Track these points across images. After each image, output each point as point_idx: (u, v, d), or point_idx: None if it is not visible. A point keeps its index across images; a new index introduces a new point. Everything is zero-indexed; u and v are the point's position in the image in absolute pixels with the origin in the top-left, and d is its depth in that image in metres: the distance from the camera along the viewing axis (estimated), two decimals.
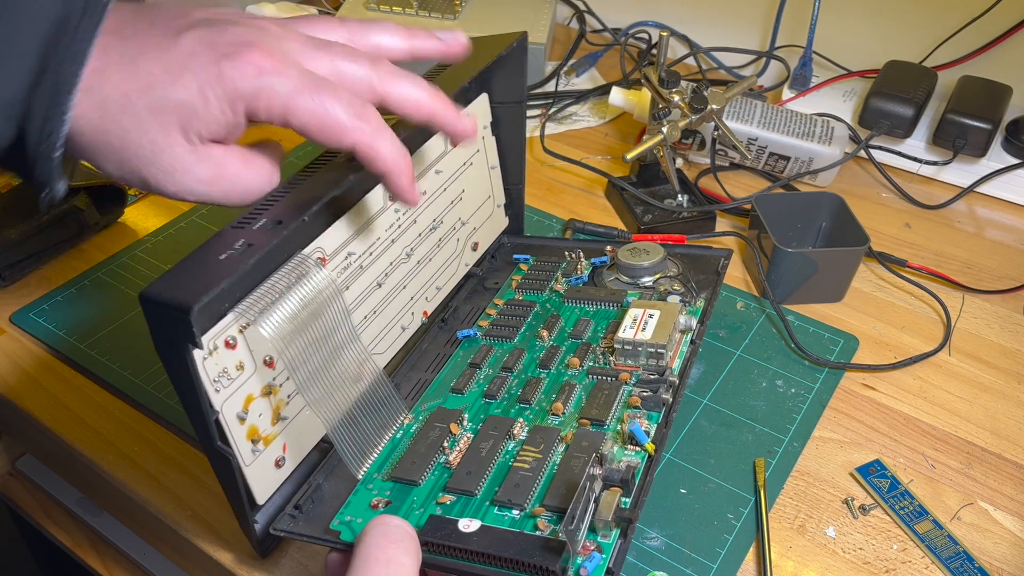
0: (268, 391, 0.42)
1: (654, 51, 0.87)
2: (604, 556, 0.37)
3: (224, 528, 0.50)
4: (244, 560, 0.48)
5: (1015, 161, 0.74)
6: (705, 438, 0.53)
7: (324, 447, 0.46)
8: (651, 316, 0.50)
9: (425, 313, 0.55)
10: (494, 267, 0.62)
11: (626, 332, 0.49)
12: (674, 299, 0.54)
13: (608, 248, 0.60)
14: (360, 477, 0.44)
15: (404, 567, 0.33)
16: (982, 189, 0.76)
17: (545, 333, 0.53)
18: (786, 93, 0.84)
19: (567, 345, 0.52)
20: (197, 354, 0.36)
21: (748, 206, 0.69)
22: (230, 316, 0.38)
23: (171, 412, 0.55)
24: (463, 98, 0.55)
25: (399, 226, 0.50)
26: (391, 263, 0.50)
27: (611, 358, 0.50)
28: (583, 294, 0.56)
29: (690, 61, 0.94)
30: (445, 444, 0.45)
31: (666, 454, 0.52)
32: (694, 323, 0.52)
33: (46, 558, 0.86)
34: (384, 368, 0.51)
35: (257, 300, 0.39)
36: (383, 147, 0.37)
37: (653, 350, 0.48)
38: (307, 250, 0.42)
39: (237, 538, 0.49)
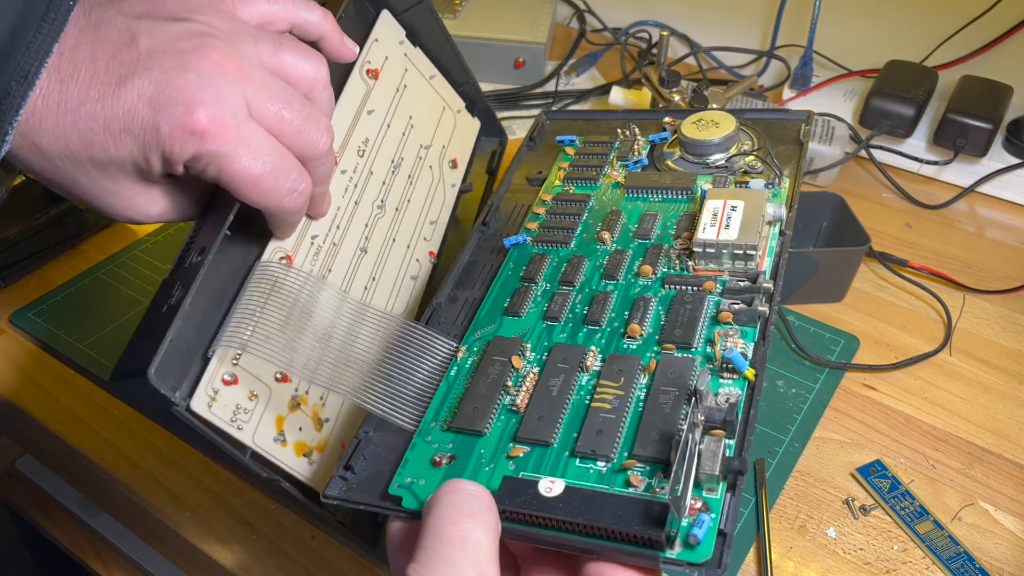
0: (296, 404, 0.41)
1: (654, 51, 0.87)
2: (714, 516, 0.31)
3: (224, 528, 0.50)
4: (244, 560, 0.48)
5: (1016, 161, 0.74)
6: None
7: None
8: (734, 209, 0.42)
9: (431, 253, 0.52)
10: (535, 152, 0.55)
11: (706, 231, 0.41)
12: (757, 183, 0.45)
13: (667, 120, 0.52)
14: (414, 429, 0.38)
15: (482, 545, 0.29)
16: (983, 189, 0.75)
17: (606, 235, 0.45)
18: (787, 93, 0.83)
19: (634, 247, 0.45)
20: (196, 404, 0.35)
21: None
22: (215, 357, 0.37)
23: None
24: (364, 21, 0.50)
25: (355, 185, 0.47)
26: (366, 224, 0.47)
27: (689, 262, 0.42)
28: (644, 181, 0.48)
29: (690, 61, 0.93)
30: (508, 382, 0.38)
31: None
32: (783, 212, 0.43)
33: (45, 558, 0.86)
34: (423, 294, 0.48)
35: (237, 328, 0.37)
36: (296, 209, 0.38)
37: (741, 251, 0.41)
38: (265, 256, 0.40)
39: (237, 538, 0.49)
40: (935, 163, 0.76)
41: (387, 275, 0.48)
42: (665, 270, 0.43)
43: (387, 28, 0.52)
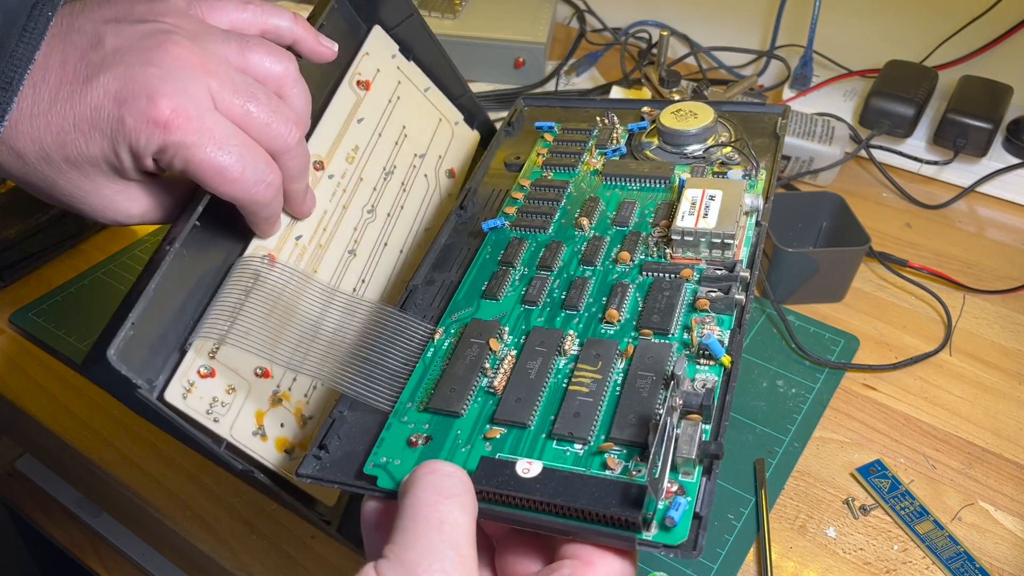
0: (278, 400, 0.41)
1: (654, 50, 0.87)
2: (689, 499, 0.31)
3: (224, 528, 0.50)
4: (244, 560, 0.48)
5: (1016, 161, 0.74)
6: None
7: None
8: (712, 198, 0.42)
9: None
10: (514, 138, 0.54)
11: (685, 220, 0.42)
12: (735, 173, 0.46)
13: (646, 109, 0.52)
14: (390, 409, 0.38)
15: (460, 527, 0.29)
16: (983, 189, 0.75)
17: (585, 221, 0.45)
18: (787, 93, 0.84)
19: (611, 234, 0.45)
20: (170, 395, 0.36)
21: None
22: (192, 349, 0.37)
23: None
24: (356, 36, 0.51)
25: (343, 190, 0.47)
26: (355, 228, 0.48)
27: (667, 250, 0.43)
28: (622, 169, 0.48)
29: (690, 60, 0.93)
30: (486, 364, 0.38)
31: None
32: (760, 202, 0.44)
33: (45, 558, 0.86)
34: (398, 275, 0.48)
35: (215, 321, 0.38)
36: (271, 205, 0.38)
37: (719, 240, 0.41)
38: (248, 251, 0.41)
39: (237, 538, 0.49)
40: (935, 163, 0.76)
41: (377, 278, 0.49)
42: (643, 257, 0.43)
43: (379, 42, 0.53)
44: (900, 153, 0.77)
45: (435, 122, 0.56)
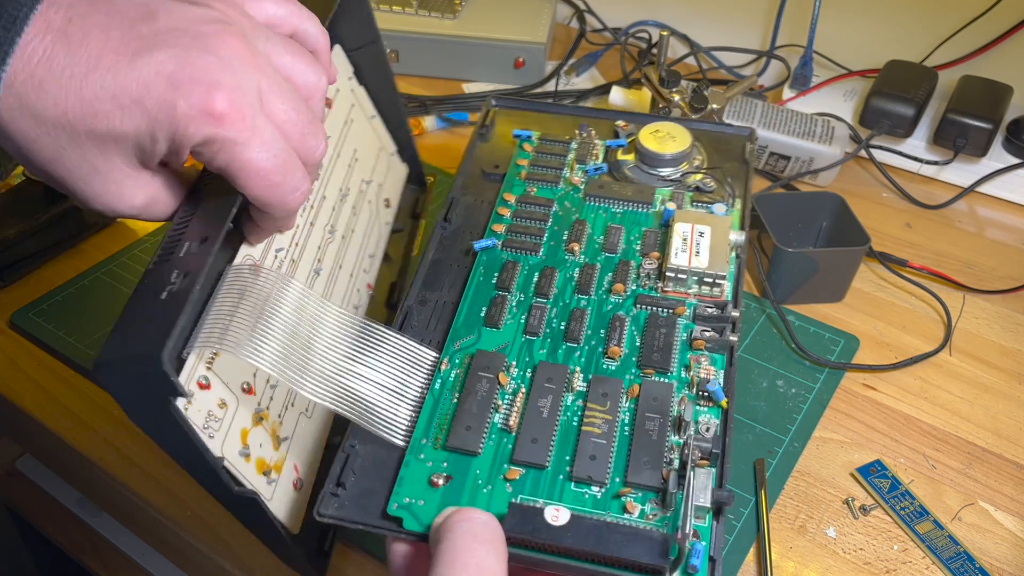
0: (259, 419, 0.40)
1: (654, 50, 0.87)
2: (704, 544, 0.34)
3: (224, 529, 0.50)
4: (244, 562, 0.48)
5: (1016, 161, 0.74)
6: None
7: (335, 441, 0.43)
8: (702, 235, 0.44)
9: (369, 286, 0.51)
10: (488, 143, 0.54)
11: (678, 257, 0.44)
12: (720, 207, 0.48)
13: (620, 124, 0.53)
14: (404, 444, 0.38)
15: (494, 572, 0.31)
16: (983, 189, 0.75)
17: (575, 246, 0.47)
18: (786, 93, 0.84)
19: (602, 261, 0.47)
20: (180, 403, 0.33)
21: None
22: (192, 356, 0.35)
23: None
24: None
25: (311, 206, 0.47)
26: (319, 247, 0.47)
27: (659, 283, 0.45)
28: (606, 192, 0.50)
29: (690, 60, 0.93)
30: (496, 400, 0.40)
31: None
32: (742, 238, 0.46)
33: (45, 558, 0.86)
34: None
35: (212, 330, 0.35)
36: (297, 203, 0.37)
37: (711, 279, 0.43)
38: (236, 261, 0.39)
39: (237, 539, 0.49)
40: (935, 163, 0.76)
41: (335, 298, 0.48)
42: (634, 287, 0.45)
43: (339, 62, 0.53)
44: (900, 153, 0.77)
45: (376, 150, 0.57)
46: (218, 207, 0.36)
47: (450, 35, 0.88)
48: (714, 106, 0.67)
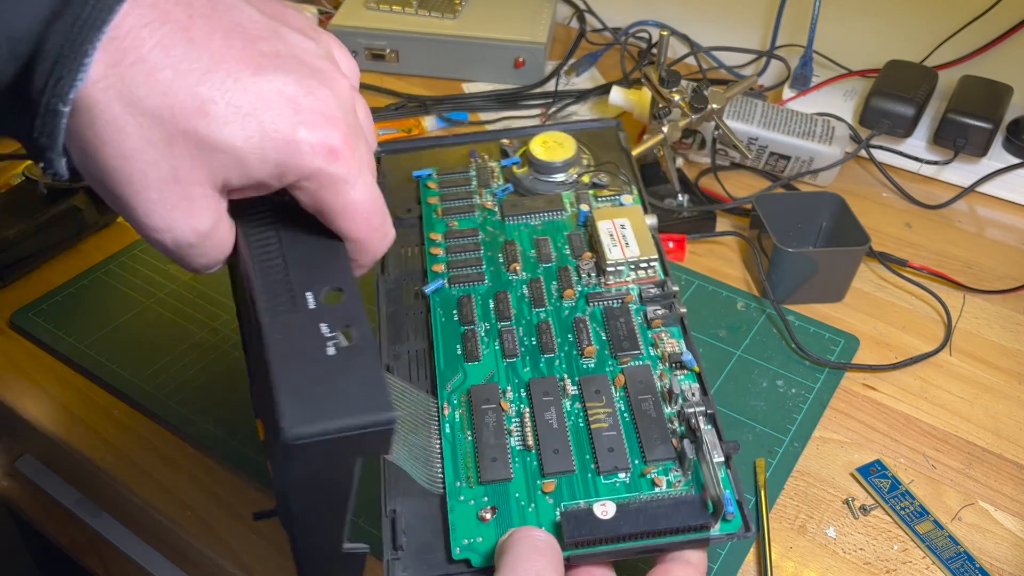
0: None
1: (654, 50, 0.87)
2: (729, 491, 0.38)
3: (224, 529, 0.50)
4: (244, 562, 0.48)
5: (1016, 161, 0.74)
6: None
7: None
8: (623, 227, 0.48)
9: None
10: (388, 191, 0.54)
11: (613, 252, 0.47)
12: (627, 198, 0.52)
13: (505, 141, 0.56)
14: (441, 492, 0.40)
15: None
16: (983, 189, 0.75)
17: (516, 266, 0.49)
18: (786, 92, 0.84)
19: (543, 273, 0.49)
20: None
21: (748, 206, 0.69)
22: None
23: (171, 413, 0.55)
24: None
25: None
26: None
27: (600, 278, 0.48)
28: (520, 208, 0.52)
29: (690, 60, 0.93)
30: (507, 426, 0.42)
31: None
32: (655, 220, 0.50)
33: (45, 559, 0.86)
34: None
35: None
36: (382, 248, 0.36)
37: (646, 263, 0.47)
38: None
39: (237, 539, 0.49)
40: (935, 163, 0.76)
41: None
42: (580, 288, 0.48)
43: None
44: (900, 153, 0.77)
45: None
46: (311, 251, 0.34)
47: (450, 35, 0.88)
48: (714, 106, 0.67)
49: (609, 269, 0.47)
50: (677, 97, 0.68)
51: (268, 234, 0.34)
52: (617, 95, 0.80)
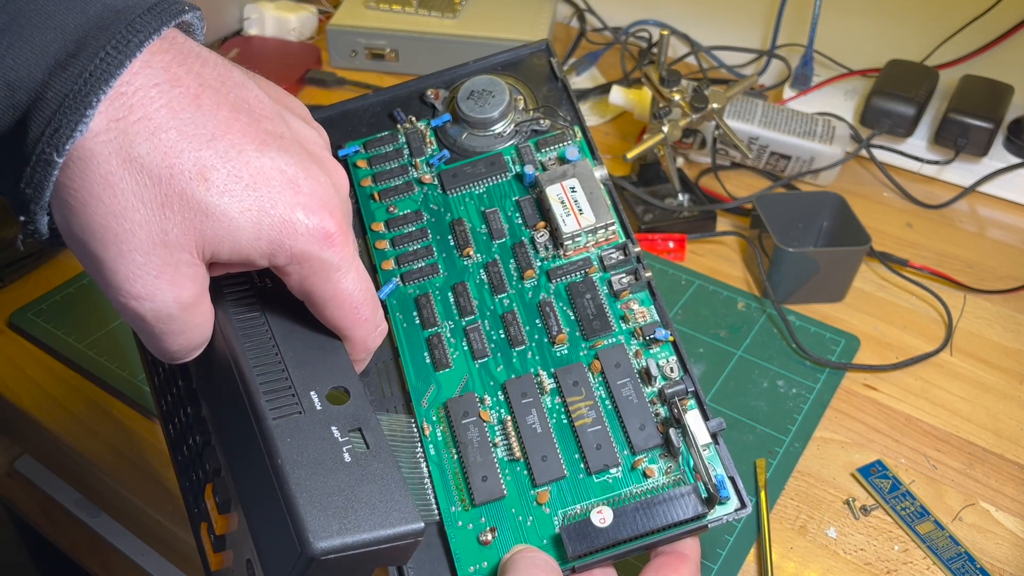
0: None
1: (655, 50, 0.87)
2: (719, 471, 0.37)
3: None
4: None
5: (1017, 160, 0.74)
6: None
7: None
8: (573, 190, 0.44)
9: None
10: None
11: (568, 223, 0.44)
12: (572, 151, 0.47)
13: (430, 91, 0.50)
14: (437, 519, 0.39)
15: None
16: (984, 189, 0.75)
17: (469, 250, 0.45)
18: (787, 92, 0.83)
19: (497, 251, 0.45)
20: None
21: (749, 205, 0.69)
22: None
23: None
24: None
25: None
26: None
27: (559, 251, 0.44)
28: (461, 178, 0.47)
29: (691, 60, 0.93)
30: (490, 439, 0.40)
31: None
32: (605, 171, 0.46)
33: (45, 559, 0.86)
34: None
35: None
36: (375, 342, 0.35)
37: (603, 227, 0.44)
38: None
39: None
40: (936, 163, 0.76)
41: None
42: (539, 264, 0.44)
43: None
44: (901, 153, 0.77)
45: None
46: (307, 344, 0.33)
47: (450, 35, 0.88)
48: (714, 105, 0.67)
49: (567, 242, 0.44)
50: (677, 96, 0.68)
51: (256, 321, 0.33)
52: (617, 95, 0.80)
